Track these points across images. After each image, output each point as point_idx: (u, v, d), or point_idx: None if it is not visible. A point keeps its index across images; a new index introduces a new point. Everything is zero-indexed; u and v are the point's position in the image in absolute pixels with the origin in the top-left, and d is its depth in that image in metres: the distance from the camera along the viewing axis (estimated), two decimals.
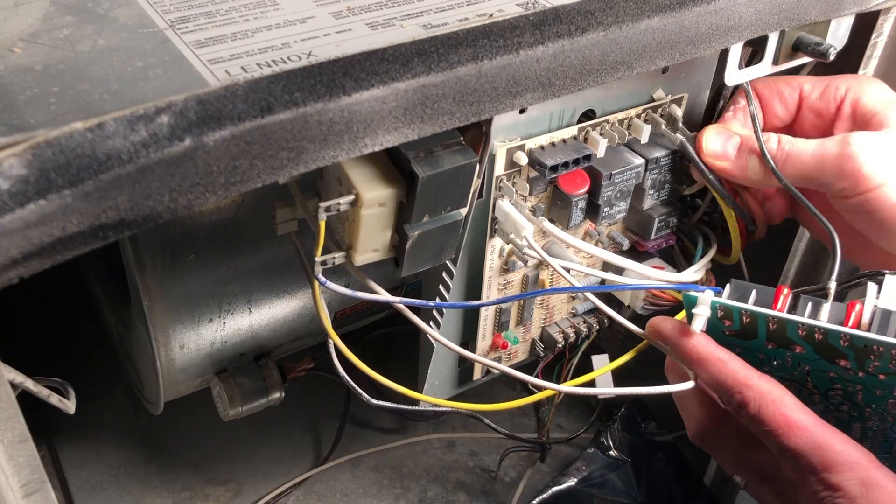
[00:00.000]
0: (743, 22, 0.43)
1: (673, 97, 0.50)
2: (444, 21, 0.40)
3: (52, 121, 0.30)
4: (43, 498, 0.37)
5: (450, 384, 0.56)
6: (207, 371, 0.61)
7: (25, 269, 0.30)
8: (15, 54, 0.35)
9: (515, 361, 0.57)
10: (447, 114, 0.37)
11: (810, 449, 0.38)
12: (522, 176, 0.47)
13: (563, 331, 0.57)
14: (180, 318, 0.55)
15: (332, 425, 0.81)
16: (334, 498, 0.76)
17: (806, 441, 0.38)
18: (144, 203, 0.31)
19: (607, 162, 0.48)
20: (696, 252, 0.53)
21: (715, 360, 0.41)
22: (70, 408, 0.39)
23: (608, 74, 0.40)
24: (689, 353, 0.42)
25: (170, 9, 0.39)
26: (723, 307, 0.42)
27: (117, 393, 0.82)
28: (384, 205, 0.41)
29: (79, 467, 0.76)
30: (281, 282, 0.59)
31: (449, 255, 0.45)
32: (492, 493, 0.77)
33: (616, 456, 0.73)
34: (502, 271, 0.51)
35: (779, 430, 0.39)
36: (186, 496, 0.75)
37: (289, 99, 0.32)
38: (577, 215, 0.48)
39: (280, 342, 0.63)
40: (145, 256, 0.51)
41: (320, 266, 0.43)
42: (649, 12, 0.40)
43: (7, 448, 0.34)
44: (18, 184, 0.28)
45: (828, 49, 0.48)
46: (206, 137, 0.31)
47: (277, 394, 0.63)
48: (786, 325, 0.40)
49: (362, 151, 0.35)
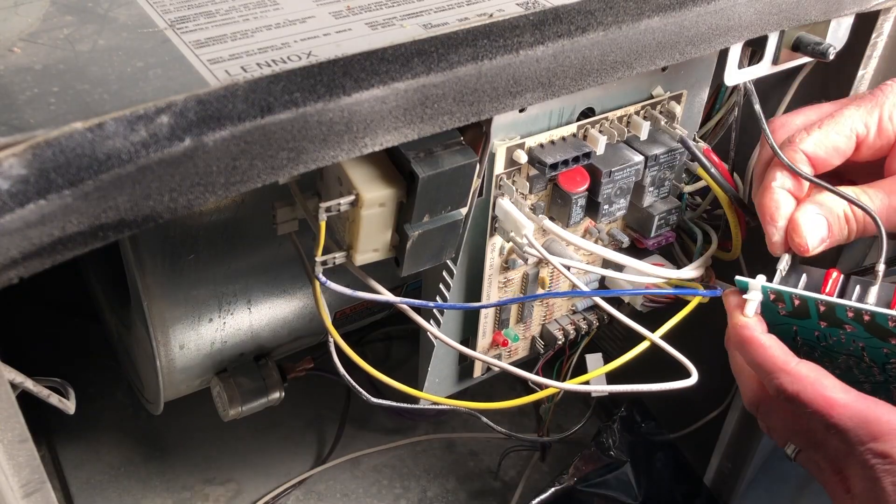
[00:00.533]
0: (743, 22, 0.43)
1: (672, 94, 0.50)
2: (443, 21, 0.40)
3: (52, 121, 0.30)
4: (43, 498, 0.37)
5: (450, 382, 0.56)
6: (207, 371, 0.61)
7: (25, 268, 0.30)
8: (15, 54, 0.35)
9: (516, 359, 0.58)
10: (447, 114, 0.37)
11: (856, 423, 0.40)
12: (522, 174, 0.47)
13: (563, 328, 0.57)
14: (180, 318, 0.55)
15: (332, 425, 0.81)
16: (334, 498, 0.76)
17: (850, 416, 0.40)
18: (144, 203, 0.31)
19: (607, 159, 0.48)
20: (696, 249, 0.53)
21: (757, 344, 0.43)
22: (70, 408, 0.39)
23: (608, 74, 0.40)
24: (735, 335, 0.44)
25: (170, 8, 0.39)
26: (774, 291, 0.44)
27: (117, 393, 0.82)
28: (384, 205, 0.41)
29: (79, 467, 0.76)
30: (281, 282, 0.59)
31: (449, 254, 0.45)
32: (492, 493, 0.77)
33: (616, 456, 0.73)
34: (502, 269, 0.51)
35: (821, 410, 0.40)
36: (186, 496, 0.75)
37: (289, 99, 0.32)
38: (577, 213, 0.48)
39: (280, 342, 0.63)
40: (145, 256, 0.51)
41: (321, 266, 0.43)
42: (649, 12, 0.40)
43: (7, 448, 0.34)
44: (18, 184, 0.28)
45: (827, 49, 0.48)
46: (206, 137, 0.31)
47: (277, 394, 0.63)
48: (834, 308, 0.42)
49: (362, 151, 0.35)
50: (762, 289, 0.44)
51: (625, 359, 0.48)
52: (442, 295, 0.50)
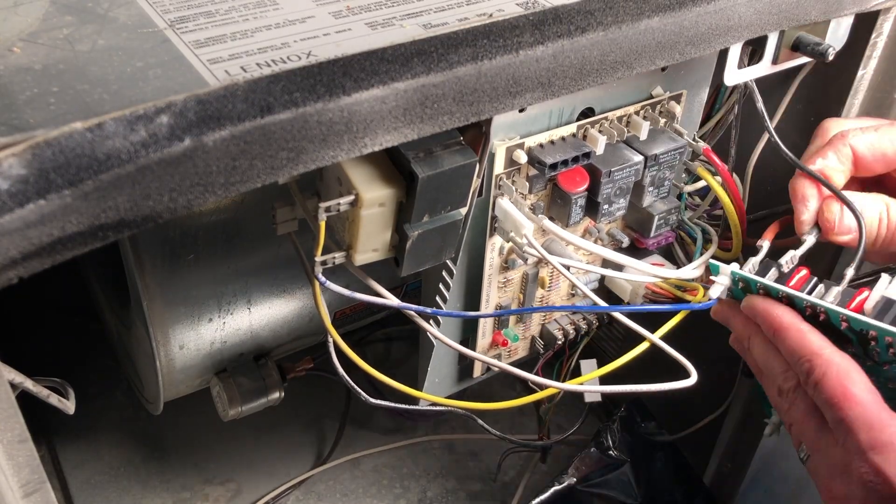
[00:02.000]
0: (742, 22, 0.43)
1: (672, 94, 0.50)
2: (443, 21, 0.40)
3: (52, 121, 0.30)
4: (42, 498, 0.37)
5: (450, 382, 0.56)
6: (207, 371, 0.61)
7: (25, 268, 0.30)
8: (14, 54, 0.35)
9: (515, 359, 0.58)
10: (447, 114, 0.37)
11: (860, 424, 0.38)
12: (522, 174, 0.47)
13: (563, 328, 0.57)
14: (180, 318, 0.55)
15: (332, 425, 0.81)
16: (334, 498, 0.76)
17: (858, 415, 0.38)
18: (144, 203, 0.31)
19: (606, 159, 0.48)
20: (696, 249, 0.53)
21: (796, 330, 0.42)
22: (69, 408, 0.39)
23: (608, 74, 0.40)
24: (774, 322, 0.43)
25: (169, 8, 0.39)
26: (743, 279, 0.45)
27: (117, 393, 0.82)
28: (384, 205, 0.41)
29: (78, 467, 0.76)
30: (280, 282, 0.59)
31: (449, 254, 0.45)
32: (491, 494, 0.77)
33: (615, 456, 0.73)
34: (502, 269, 0.51)
35: (834, 399, 0.39)
36: (186, 496, 0.75)
37: (288, 99, 0.32)
38: (577, 213, 0.48)
39: (280, 342, 0.63)
40: (145, 256, 0.51)
41: (320, 266, 0.43)
42: (649, 12, 0.40)
43: (7, 448, 0.34)
44: (18, 184, 0.28)
45: (827, 49, 0.48)
46: (206, 137, 0.31)
47: (277, 394, 0.63)
48: (794, 301, 0.42)
49: (362, 151, 0.35)
50: (731, 274, 0.45)
51: (624, 359, 0.48)
52: (442, 295, 0.50)
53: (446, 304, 0.50)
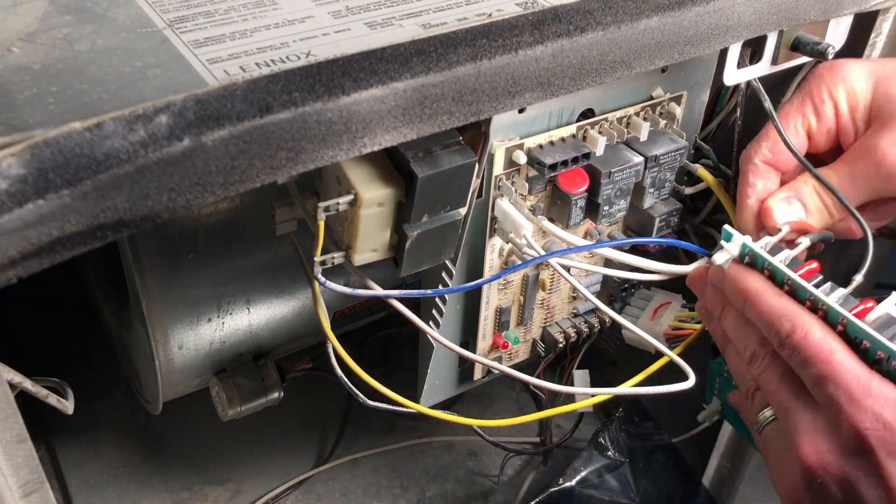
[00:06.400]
0: (742, 22, 0.43)
1: (672, 95, 0.50)
2: (442, 21, 0.40)
3: (51, 120, 0.30)
4: (41, 498, 0.37)
5: (450, 384, 0.56)
6: (206, 371, 0.61)
7: (24, 268, 0.30)
8: (13, 54, 0.35)
9: (516, 361, 0.57)
10: (446, 114, 0.37)
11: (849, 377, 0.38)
12: (521, 175, 0.47)
13: (565, 331, 0.56)
14: (179, 318, 0.55)
15: (332, 425, 0.81)
16: (334, 498, 0.76)
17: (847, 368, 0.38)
18: (143, 203, 0.31)
19: (606, 160, 0.48)
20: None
21: (772, 293, 0.42)
22: (68, 408, 0.39)
23: (607, 74, 0.40)
24: (747, 288, 0.43)
25: (168, 8, 0.39)
26: (751, 253, 0.43)
27: (116, 393, 0.82)
28: (383, 205, 0.41)
29: (77, 467, 0.76)
30: (280, 282, 0.59)
31: (448, 254, 0.45)
32: (491, 494, 0.77)
33: (614, 457, 0.73)
34: (502, 270, 0.51)
35: (821, 356, 0.39)
36: (185, 496, 0.75)
37: (287, 99, 0.32)
38: (577, 214, 0.48)
39: (279, 342, 0.63)
40: (144, 256, 0.51)
41: (319, 266, 0.43)
42: (648, 12, 0.40)
43: (6, 448, 0.34)
44: (17, 183, 0.28)
45: (826, 49, 0.48)
46: (205, 137, 0.31)
47: (276, 394, 0.63)
48: (797, 290, 0.42)
49: (361, 151, 0.35)
50: (742, 245, 0.44)
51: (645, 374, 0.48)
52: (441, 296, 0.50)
53: (446, 305, 0.50)
